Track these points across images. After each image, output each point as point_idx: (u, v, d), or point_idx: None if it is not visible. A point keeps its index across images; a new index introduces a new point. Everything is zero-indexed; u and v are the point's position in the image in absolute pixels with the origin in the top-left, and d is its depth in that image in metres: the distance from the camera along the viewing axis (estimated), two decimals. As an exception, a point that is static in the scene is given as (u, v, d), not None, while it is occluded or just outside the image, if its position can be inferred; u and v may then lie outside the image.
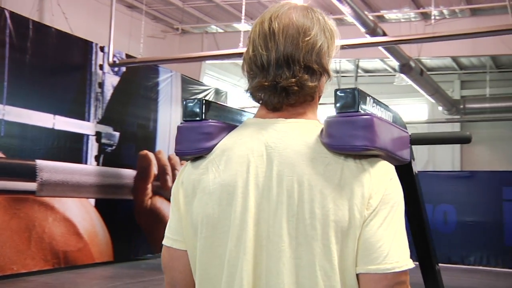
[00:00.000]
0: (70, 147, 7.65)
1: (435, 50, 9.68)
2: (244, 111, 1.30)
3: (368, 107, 1.05)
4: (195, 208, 1.07)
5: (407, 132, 1.26)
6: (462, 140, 1.65)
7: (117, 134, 8.50)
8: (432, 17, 7.97)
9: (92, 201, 7.99)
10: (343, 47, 1.17)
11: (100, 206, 8.06)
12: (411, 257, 0.99)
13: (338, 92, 1.02)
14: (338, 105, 1.02)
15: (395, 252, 0.96)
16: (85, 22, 8.80)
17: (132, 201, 8.76)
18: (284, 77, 1.04)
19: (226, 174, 1.04)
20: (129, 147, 8.81)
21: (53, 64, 7.52)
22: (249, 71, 1.08)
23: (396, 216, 0.99)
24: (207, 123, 1.12)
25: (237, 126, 1.14)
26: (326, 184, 0.98)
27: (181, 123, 1.16)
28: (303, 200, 0.98)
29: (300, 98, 1.06)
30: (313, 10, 1.09)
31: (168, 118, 9.69)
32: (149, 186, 9.02)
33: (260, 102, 1.09)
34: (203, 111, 1.13)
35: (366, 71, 13.88)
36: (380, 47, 7.67)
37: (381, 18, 9.91)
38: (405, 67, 9.01)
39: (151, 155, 9.15)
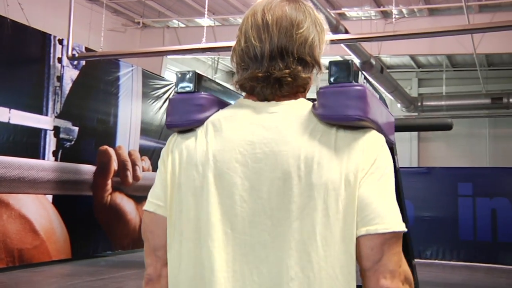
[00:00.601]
0: (26, 142, 7.44)
1: (394, 48, 9.88)
2: (234, 91, 1.30)
3: (360, 83, 1.07)
4: (181, 179, 1.06)
5: (392, 115, 1.28)
6: (443, 127, 1.68)
7: (76, 129, 8.32)
8: (393, 16, 8.11)
9: (50, 197, 7.80)
10: None
11: (58, 202, 7.88)
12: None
13: (332, 64, 1.04)
14: (332, 76, 1.03)
15: (390, 214, 0.98)
16: (43, 13, 8.56)
17: (91, 197, 8.60)
18: (277, 68, 1.04)
19: (215, 149, 1.04)
20: (88, 142, 8.64)
21: (9, 56, 7.28)
22: (240, 63, 1.08)
23: (388, 180, 1.01)
24: (199, 95, 1.12)
25: (228, 103, 1.14)
26: (321, 155, 0.99)
27: (172, 95, 1.16)
28: (300, 173, 0.99)
29: (293, 89, 1.07)
30: (304, 3, 1.11)
31: (129, 113, 9.55)
32: (109, 182, 8.87)
33: (251, 93, 1.09)
34: (195, 83, 1.13)
35: (327, 68, 14.01)
36: (342, 45, 7.76)
37: (342, 16, 10.04)
38: (366, 65, 9.15)
39: (111, 150, 9.00)
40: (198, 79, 1.14)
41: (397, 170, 1.66)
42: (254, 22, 1.07)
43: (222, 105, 1.14)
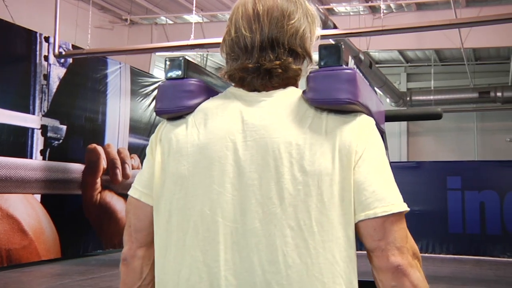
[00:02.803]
0: (13, 141, 7.36)
1: (383, 43, 9.91)
2: (222, 80, 1.29)
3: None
4: (170, 167, 1.05)
5: (382, 103, 1.28)
6: (433, 116, 1.68)
7: (64, 127, 8.25)
8: (382, 11, 8.13)
9: (38, 197, 7.74)
10: None
11: (47, 202, 7.82)
12: None
13: (322, 48, 1.03)
14: (321, 59, 1.02)
15: (389, 195, 0.97)
16: (28, 11, 8.46)
17: (81, 196, 8.54)
18: (268, 59, 1.03)
19: (205, 138, 1.03)
20: (76, 141, 8.57)
21: (-6, 54, 7.21)
22: (230, 53, 1.07)
23: (383, 162, 1.00)
24: (189, 81, 1.11)
25: (218, 90, 1.13)
26: (313, 140, 0.98)
27: (162, 82, 1.15)
28: (292, 159, 0.97)
29: (283, 81, 1.06)
30: None
31: (117, 111, 9.49)
32: (98, 180, 8.82)
33: (240, 84, 1.08)
34: (185, 70, 1.12)
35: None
36: (331, 40, 7.76)
37: (331, 11, 10.04)
38: (355, 60, 9.16)
39: (99, 148, 8.94)
40: (188, 65, 1.13)
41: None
42: (244, 12, 1.06)
43: (212, 92, 1.12)
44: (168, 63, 1.13)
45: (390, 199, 0.97)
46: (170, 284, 1.03)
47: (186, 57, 1.15)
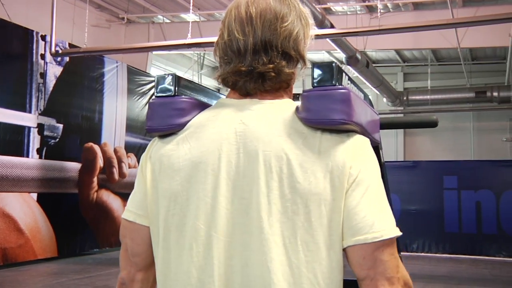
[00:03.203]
0: (10, 140, 7.35)
1: (380, 42, 9.92)
2: (215, 91, 1.27)
3: (344, 84, 1.05)
4: (163, 184, 1.04)
5: (377, 114, 1.27)
6: (429, 124, 1.68)
7: (60, 126, 8.24)
8: (379, 11, 8.14)
9: (35, 195, 7.72)
10: None
11: (43, 200, 7.80)
12: None
13: (315, 67, 1.01)
14: (315, 79, 1.01)
15: (380, 220, 0.96)
16: (25, 9, 8.44)
17: (77, 195, 8.53)
18: (261, 62, 1.02)
19: (197, 151, 1.02)
20: (73, 140, 8.56)
21: (-10, 53, 7.19)
22: (223, 56, 1.06)
23: (377, 186, 0.99)
24: (180, 99, 1.09)
25: (209, 104, 1.11)
26: (305, 158, 0.96)
27: (152, 100, 1.13)
28: (282, 175, 0.96)
29: (276, 85, 1.05)
30: None
31: (114, 109, 9.48)
32: (95, 179, 8.80)
33: (233, 87, 1.07)
34: (176, 87, 1.10)
35: (313, 63, 14.02)
36: (327, 39, 7.77)
37: (328, 11, 10.05)
38: (352, 59, 9.17)
39: (96, 147, 8.93)
40: (178, 82, 1.11)
41: (382, 165, 1.65)
42: (237, 15, 1.04)
43: (204, 107, 1.11)
44: (158, 80, 1.12)
45: (382, 225, 0.95)
46: None
47: (176, 74, 1.14)
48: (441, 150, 13.64)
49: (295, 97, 1.10)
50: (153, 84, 10.29)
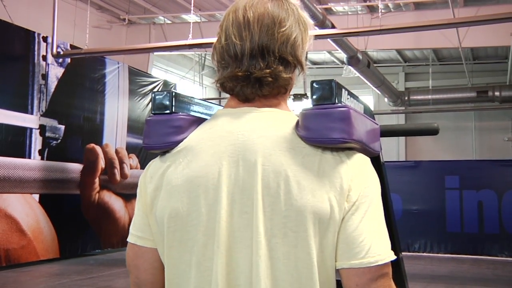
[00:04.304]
0: (12, 141, 7.36)
1: (381, 42, 9.92)
2: (213, 103, 1.27)
3: (344, 99, 1.04)
4: (162, 202, 1.03)
5: (378, 124, 1.27)
6: (430, 132, 1.68)
7: (62, 127, 8.25)
8: (380, 11, 8.14)
9: (37, 196, 7.74)
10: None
11: (45, 201, 7.82)
12: None
13: (314, 84, 1.00)
14: (314, 97, 1.00)
15: (377, 245, 0.95)
16: (26, 11, 8.46)
17: (79, 196, 8.54)
18: (258, 67, 1.01)
19: (196, 166, 1.01)
20: (75, 141, 8.57)
21: (-8, 54, 7.20)
22: (221, 61, 1.05)
23: (376, 208, 0.98)
24: (177, 116, 1.08)
25: (206, 119, 1.10)
26: (304, 175, 0.96)
27: (149, 117, 1.12)
28: (280, 191, 0.95)
29: (274, 90, 1.04)
30: (288, 0, 1.07)
31: (116, 110, 9.49)
32: (97, 180, 8.81)
33: (231, 93, 1.06)
34: (173, 104, 1.09)
35: (314, 63, 14.05)
36: (329, 39, 7.77)
37: (329, 11, 10.05)
38: (353, 59, 9.17)
39: (98, 148, 8.94)
40: (175, 99, 1.10)
41: (381, 164, 1.66)
42: (235, 19, 1.03)
43: (201, 122, 1.10)
44: (154, 97, 1.11)
45: (378, 250, 0.95)
46: None
47: (173, 91, 1.13)
48: (443, 150, 13.63)
49: (296, 96, 1.10)
50: (154, 84, 10.38)
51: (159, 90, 9.96)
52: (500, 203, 8.88)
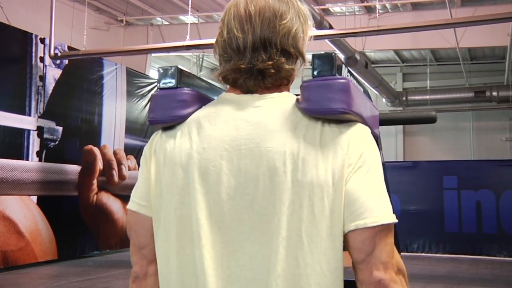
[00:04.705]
0: (9, 143, 7.35)
1: (378, 43, 9.93)
2: (216, 86, 1.28)
3: (344, 76, 1.06)
4: (166, 177, 1.05)
5: (377, 108, 1.28)
6: (428, 120, 1.69)
7: (60, 128, 8.24)
8: (377, 11, 8.14)
9: (35, 198, 7.72)
10: None
11: (43, 203, 7.80)
12: None
13: (315, 57, 1.03)
14: (315, 69, 1.02)
15: (379, 206, 0.97)
16: (24, 12, 8.45)
17: (77, 197, 8.53)
18: (260, 59, 1.03)
19: (199, 147, 1.03)
20: (73, 142, 8.56)
21: (-10, 56, 7.19)
22: (223, 54, 1.07)
23: (376, 172, 1.00)
24: (182, 91, 1.10)
25: (211, 98, 1.13)
26: (307, 151, 0.98)
27: (155, 92, 1.14)
28: (286, 169, 0.97)
29: (276, 82, 1.06)
30: None
31: (114, 112, 9.48)
32: (95, 181, 8.80)
33: (234, 85, 1.08)
34: (178, 79, 1.12)
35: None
36: (326, 40, 7.77)
37: (326, 12, 10.06)
38: (351, 60, 9.18)
39: (96, 150, 8.93)
40: (181, 74, 1.12)
41: (382, 164, 1.66)
42: (236, 13, 1.06)
43: (205, 100, 1.12)
44: (160, 72, 1.13)
45: (380, 210, 0.97)
46: None
47: (179, 66, 1.15)
48: (441, 150, 13.65)
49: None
50: (152, 86, 10.36)
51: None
52: (498, 203, 8.89)
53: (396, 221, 0.99)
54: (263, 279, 0.97)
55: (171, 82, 1.12)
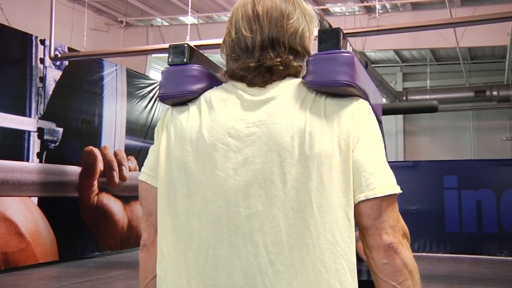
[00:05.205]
0: (10, 144, 7.35)
1: (378, 43, 9.93)
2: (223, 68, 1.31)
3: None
4: (175, 153, 1.07)
5: (380, 92, 1.32)
6: (429, 109, 1.70)
7: (60, 130, 8.24)
8: (377, 11, 8.15)
9: (35, 199, 7.72)
10: None
11: (44, 204, 7.80)
12: None
13: (321, 32, 1.06)
14: (321, 43, 1.05)
15: (385, 178, 1.02)
16: (24, 13, 8.45)
17: (78, 199, 8.53)
18: (269, 58, 1.06)
19: (209, 125, 1.05)
20: (73, 143, 8.56)
21: (-10, 57, 7.19)
22: (231, 54, 1.10)
23: (379, 145, 1.04)
24: (192, 66, 1.13)
25: (219, 78, 1.15)
26: (312, 124, 1.01)
27: (165, 68, 1.17)
28: (293, 143, 1.00)
29: (284, 78, 1.09)
30: None
31: (114, 113, 9.48)
32: (95, 182, 8.80)
33: (242, 81, 1.10)
34: (188, 55, 1.14)
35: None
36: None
37: (326, 12, 10.06)
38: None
39: (96, 151, 8.93)
40: (191, 52, 1.15)
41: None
42: (244, 13, 1.08)
43: (214, 79, 1.15)
44: (171, 49, 1.16)
45: (387, 181, 1.01)
46: (177, 266, 1.05)
47: (189, 44, 1.17)
48: (441, 150, 13.64)
49: None
50: (152, 87, 10.37)
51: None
52: (498, 203, 8.89)
53: (401, 191, 1.04)
54: (273, 253, 0.99)
55: (181, 58, 1.14)
